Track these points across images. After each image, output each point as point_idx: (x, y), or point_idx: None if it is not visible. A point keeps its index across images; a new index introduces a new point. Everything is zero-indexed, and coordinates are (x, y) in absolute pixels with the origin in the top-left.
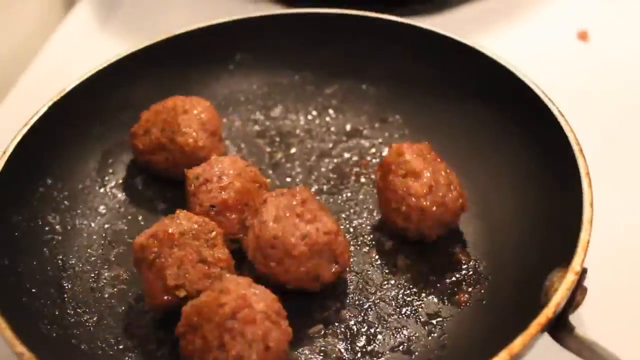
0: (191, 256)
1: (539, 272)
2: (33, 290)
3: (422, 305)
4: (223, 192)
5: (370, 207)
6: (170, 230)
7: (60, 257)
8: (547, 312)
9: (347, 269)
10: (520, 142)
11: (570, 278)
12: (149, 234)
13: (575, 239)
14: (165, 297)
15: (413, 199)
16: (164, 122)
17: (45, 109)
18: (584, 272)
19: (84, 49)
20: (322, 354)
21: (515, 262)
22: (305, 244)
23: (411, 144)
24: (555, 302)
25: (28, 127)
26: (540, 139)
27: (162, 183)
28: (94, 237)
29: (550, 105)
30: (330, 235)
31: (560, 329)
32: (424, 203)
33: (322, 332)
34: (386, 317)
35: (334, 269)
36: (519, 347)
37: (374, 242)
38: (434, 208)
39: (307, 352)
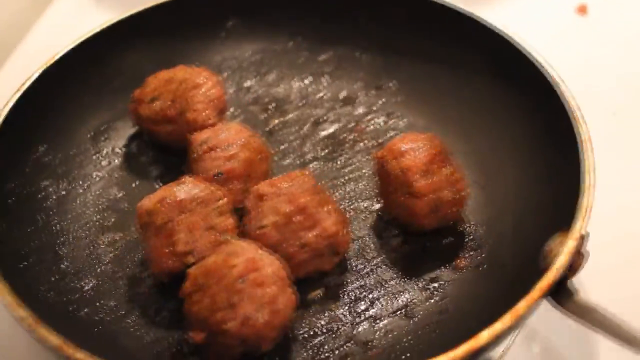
0: (200, 223)
1: (538, 237)
2: (30, 256)
3: (422, 269)
4: (230, 162)
5: (367, 173)
6: (179, 196)
7: (56, 223)
8: (549, 277)
9: None
10: (520, 108)
11: (570, 243)
12: (157, 199)
13: (576, 205)
14: (173, 263)
15: (415, 218)
16: (174, 93)
17: (37, 74)
18: (584, 237)
19: (79, 22)
20: (322, 319)
21: (515, 227)
22: (306, 251)
23: (415, 136)
24: (557, 267)
25: (20, 92)
26: (541, 105)
27: (157, 149)
28: (89, 203)
29: (549, 70)
30: (331, 238)
31: (561, 293)
32: (425, 222)
33: (322, 297)
34: (386, 281)
35: (335, 260)
36: (523, 310)
37: (371, 208)
38: (435, 223)
39: (307, 316)
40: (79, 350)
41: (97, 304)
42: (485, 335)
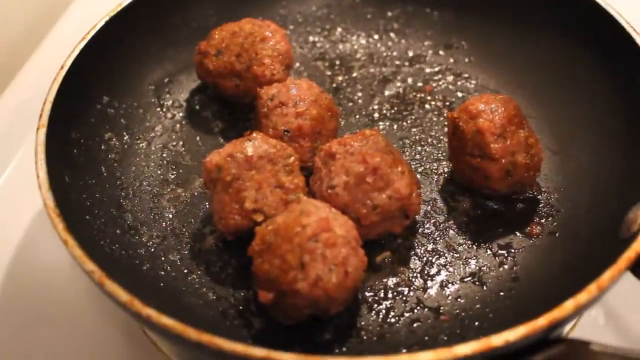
0: (269, 180)
1: (617, 207)
2: (94, 208)
3: (493, 235)
4: (299, 118)
5: (436, 134)
6: (249, 152)
7: (119, 176)
8: (636, 247)
9: None
10: (600, 72)
11: None
12: (226, 154)
13: None
14: (241, 220)
15: (488, 181)
16: (241, 47)
17: (102, 23)
18: None
19: None
20: (390, 282)
21: (590, 196)
22: (377, 213)
23: (490, 97)
24: None
25: (85, 41)
26: (622, 69)
27: (220, 104)
28: (152, 157)
29: (633, 33)
30: (403, 200)
31: None
32: (499, 186)
33: (391, 260)
34: (455, 246)
35: (405, 223)
36: (608, 281)
37: (441, 170)
38: (509, 187)
39: (375, 279)
40: (147, 307)
41: (161, 259)
42: (570, 306)
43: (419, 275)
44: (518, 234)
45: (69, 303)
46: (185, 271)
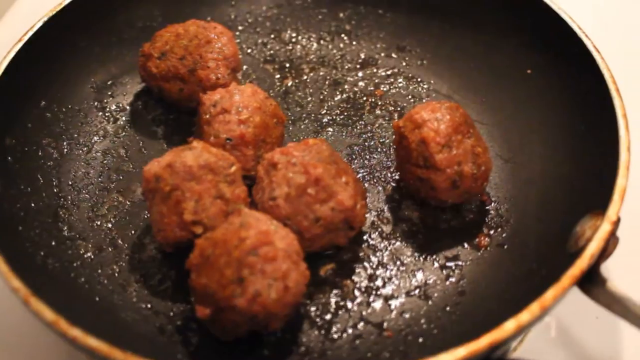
0: (210, 191)
1: (566, 218)
2: (28, 218)
3: (440, 247)
4: (242, 126)
5: (386, 140)
6: (188, 162)
7: (56, 183)
8: (581, 264)
9: None
10: (551, 78)
11: (605, 227)
12: (165, 164)
13: (611, 185)
14: (180, 233)
15: (434, 192)
16: (185, 49)
17: (40, 24)
18: (619, 221)
19: None
20: (333, 296)
21: (540, 206)
22: (320, 226)
23: (436, 105)
24: (590, 253)
25: (22, 43)
26: (573, 75)
27: (165, 108)
28: (92, 163)
29: (585, 39)
30: (347, 212)
31: (591, 281)
32: (446, 197)
33: (334, 273)
34: (401, 258)
35: (350, 234)
36: (551, 300)
37: (389, 179)
38: (456, 198)
39: (318, 293)
40: (74, 326)
41: (98, 271)
42: (511, 326)
43: (363, 288)
44: (466, 246)
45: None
46: (123, 284)
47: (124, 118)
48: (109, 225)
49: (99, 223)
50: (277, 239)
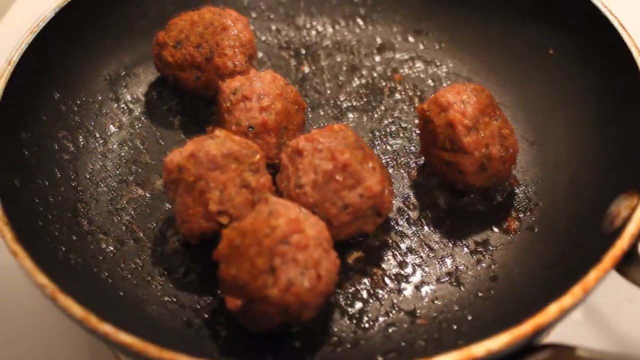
0: (235, 180)
1: (599, 198)
2: (47, 213)
3: (469, 232)
4: (264, 113)
5: (408, 125)
6: (212, 151)
7: (73, 177)
8: (622, 244)
9: None
10: (574, 57)
11: None
12: (188, 154)
13: None
14: (205, 224)
15: (462, 176)
16: (201, 37)
17: (52, 14)
18: None
19: None
20: (364, 284)
21: (569, 187)
22: (348, 213)
23: (461, 87)
24: (630, 233)
25: (34, 34)
26: (597, 53)
27: (181, 97)
28: (109, 155)
29: (610, 17)
30: (375, 198)
31: (628, 262)
32: (473, 180)
33: (363, 260)
34: (431, 244)
35: (378, 221)
36: (593, 282)
37: (413, 164)
38: (484, 181)
39: (348, 282)
40: (104, 322)
41: (121, 265)
42: (554, 310)
43: (393, 276)
44: (495, 230)
45: (25, 313)
46: (147, 278)
47: (139, 109)
48: (129, 218)
49: (119, 216)
50: (307, 227)
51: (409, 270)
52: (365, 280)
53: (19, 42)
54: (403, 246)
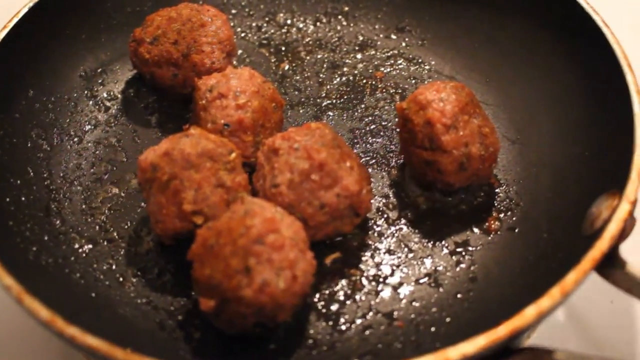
0: (210, 179)
1: (580, 199)
2: (19, 213)
3: (449, 232)
4: (240, 111)
5: (389, 124)
6: (187, 150)
7: (47, 176)
8: (601, 246)
9: None
10: (559, 56)
11: (624, 207)
12: (162, 152)
13: (628, 164)
14: (180, 223)
15: (441, 175)
16: (178, 33)
17: (25, 9)
18: (637, 201)
19: None
20: (341, 285)
21: (551, 188)
22: (325, 213)
23: (441, 85)
24: (610, 235)
25: (6, 30)
26: (582, 52)
27: (158, 95)
28: (84, 154)
29: (594, 16)
30: (352, 197)
31: (609, 264)
32: (453, 179)
33: (341, 261)
34: (409, 244)
35: (355, 221)
36: (572, 284)
37: (393, 163)
38: (463, 180)
39: (325, 283)
40: (71, 325)
41: (93, 266)
42: (531, 313)
43: (371, 277)
44: (475, 230)
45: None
46: (120, 279)
47: (115, 106)
48: (103, 217)
49: (92, 216)
50: (283, 227)
51: (387, 271)
52: (343, 282)
53: None
54: (381, 247)
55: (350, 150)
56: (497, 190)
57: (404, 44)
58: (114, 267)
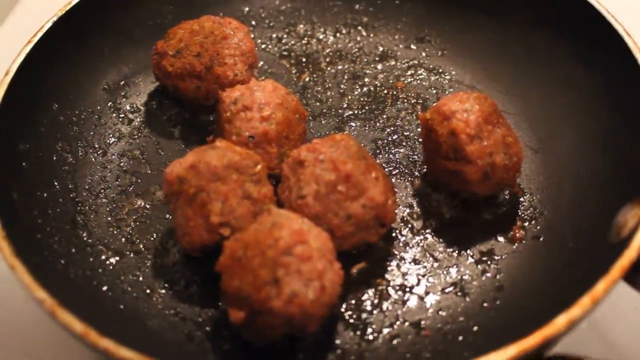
0: (236, 191)
1: (605, 207)
2: (46, 226)
3: (473, 241)
4: (264, 123)
5: (410, 134)
6: (213, 162)
7: (72, 188)
8: (630, 254)
9: None
10: (579, 64)
11: None
12: (188, 165)
13: None
14: (207, 235)
15: (466, 185)
16: (201, 46)
17: (49, 24)
18: None
19: None
20: (367, 295)
21: (575, 196)
22: (351, 224)
23: (464, 95)
24: (639, 243)
25: (32, 44)
26: (603, 61)
27: (180, 107)
28: (108, 166)
29: (615, 25)
30: (378, 208)
31: (637, 271)
32: (478, 189)
33: (367, 271)
34: (435, 254)
35: (381, 232)
36: (602, 293)
37: (416, 173)
38: (488, 190)
39: (351, 293)
40: (105, 337)
41: (121, 278)
42: (562, 322)
43: (397, 287)
44: (500, 239)
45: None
46: (148, 291)
47: (138, 119)
48: (129, 229)
49: (118, 228)
50: (311, 238)
51: (413, 280)
52: (369, 291)
53: (16, 53)
54: (407, 256)
55: (375, 161)
56: (520, 199)
57: (424, 54)
58: (141, 278)
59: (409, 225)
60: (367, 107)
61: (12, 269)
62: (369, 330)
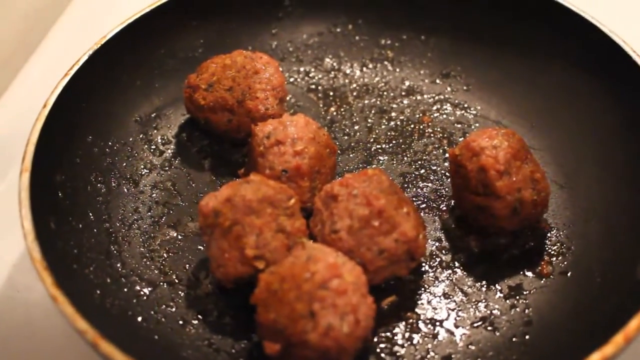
0: (270, 225)
1: (632, 242)
2: (81, 256)
3: (502, 276)
4: (297, 157)
5: (438, 168)
6: (248, 196)
7: (106, 219)
8: None
9: None
10: (602, 99)
11: None
12: (224, 198)
13: None
14: (242, 268)
15: (494, 220)
16: (233, 80)
17: (85, 57)
18: None
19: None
20: (398, 328)
21: (602, 231)
22: (384, 258)
23: (492, 132)
24: None
25: (68, 77)
26: (627, 96)
27: (210, 139)
28: (141, 197)
29: (634, 57)
30: (410, 243)
31: None
32: (506, 224)
33: (397, 304)
34: (464, 288)
35: (411, 265)
36: (635, 331)
37: (444, 207)
38: (516, 225)
39: (382, 326)
40: None
41: (155, 309)
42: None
43: (427, 320)
44: (528, 274)
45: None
46: (181, 322)
47: (169, 151)
48: (162, 260)
49: (152, 259)
50: (345, 272)
51: (443, 314)
52: (400, 325)
53: (51, 85)
54: (436, 290)
55: (405, 195)
56: (548, 234)
57: (449, 89)
58: (174, 309)
59: (438, 259)
60: (394, 142)
61: (53, 300)
62: None
